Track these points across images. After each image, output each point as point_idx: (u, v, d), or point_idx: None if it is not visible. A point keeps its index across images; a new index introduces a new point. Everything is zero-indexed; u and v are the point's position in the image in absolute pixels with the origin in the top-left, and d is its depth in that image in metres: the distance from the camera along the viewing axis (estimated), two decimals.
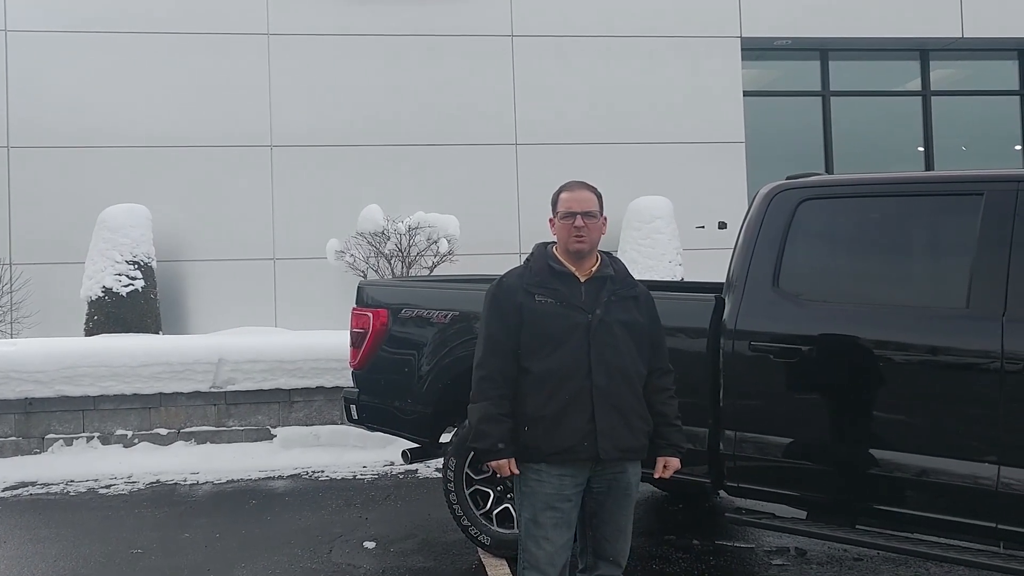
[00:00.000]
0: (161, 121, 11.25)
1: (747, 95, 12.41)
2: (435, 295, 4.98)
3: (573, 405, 2.95)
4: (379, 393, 5.01)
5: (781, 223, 3.94)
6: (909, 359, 3.58)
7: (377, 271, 10.34)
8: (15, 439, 7.01)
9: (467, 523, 4.52)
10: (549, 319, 3.01)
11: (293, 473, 6.64)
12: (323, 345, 7.37)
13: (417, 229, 10.28)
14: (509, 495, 4.39)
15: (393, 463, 6.69)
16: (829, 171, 12.62)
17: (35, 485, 6.42)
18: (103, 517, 5.58)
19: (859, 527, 3.72)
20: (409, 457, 4.91)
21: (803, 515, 3.92)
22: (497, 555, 4.47)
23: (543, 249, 3.19)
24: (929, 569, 4.31)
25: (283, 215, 11.45)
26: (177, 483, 6.43)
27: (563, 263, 3.11)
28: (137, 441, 7.10)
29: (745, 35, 12.39)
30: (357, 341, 5.04)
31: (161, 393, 7.16)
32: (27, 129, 11.11)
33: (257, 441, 7.23)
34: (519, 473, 3.04)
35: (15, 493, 6.25)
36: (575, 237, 3.07)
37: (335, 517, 5.47)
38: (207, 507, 5.81)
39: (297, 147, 11.51)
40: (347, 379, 5.52)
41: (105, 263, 9.94)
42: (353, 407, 5.12)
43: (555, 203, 3.17)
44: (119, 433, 7.11)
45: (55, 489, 6.32)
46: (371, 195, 10.86)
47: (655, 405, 3.13)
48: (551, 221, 3.18)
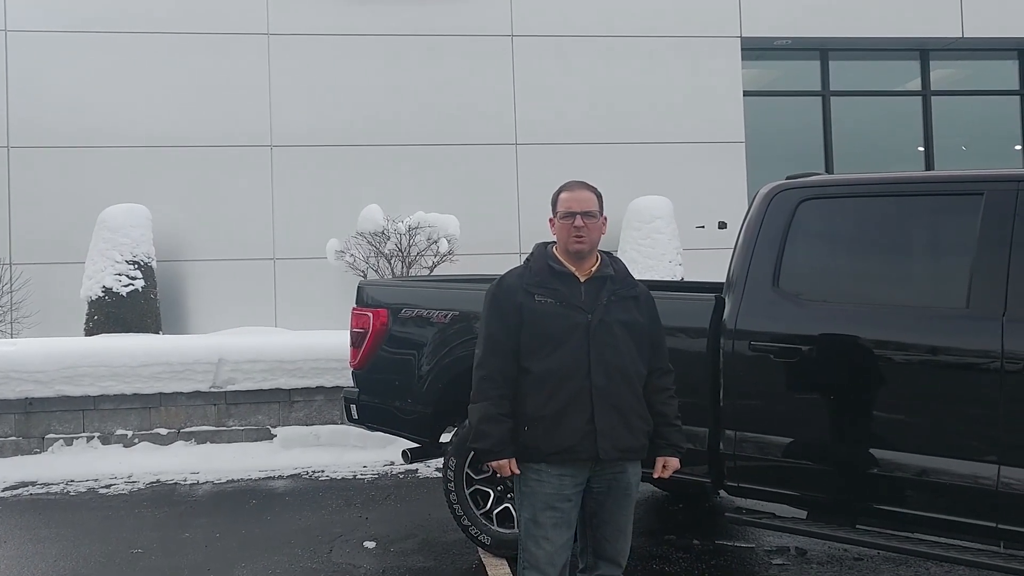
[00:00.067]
0: (161, 121, 11.25)
1: (747, 95, 12.41)
2: (435, 295, 4.98)
3: (573, 405, 2.95)
4: (379, 393, 5.01)
5: (781, 223, 3.94)
6: (909, 359, 3.58)
7: (377, 271, 10.34)
8: (15, 439, 7.01)
9: (467, 523, 4.52)
10: (549, 319, 3.01)
11: (293, 473, 6.64)
12: (323, 345, 7.38)
13: (417, 229, 10.28)
14: (509, 495, 4.39)
15: (393, 463, 6.69)
16: (829, 171, 12.61)
17: (35, 485, 6.43)
18: (103, 517, 5.58)
19: (859, 527, 3.72)
20: (409, 457, 4.91)
21: (803, 515, 3.92)
22: (497, 555, 4.47)
23: (543, 249, 3.18)
24: (929, 569, 4.31)
25: (283, 215, 11.45)
26: (177, 483, 6.43)
27: (563, 263, 3.11)
28: (137, 441, 7.11)
29: (745, 35, 12.39)
30: (357, 341, 5.05)
31: (161, 393, 7.16)
32: (27, 129, 11.11)
33: (257, 441, 7.23)
34: (519, 473, 3.04)
35: (15, 493, 6.25)
36: (574, 237, 3.07)
37: (335, 517, 5.47)
38: (207, 507, 5.81)
39: (297, 147, 11.51)
40: (347, 379, 5.52)
41: (105, 263, 9.94)
42: (353, 407, 5.12)
43: (555, 203, 3.16)
44: (119, 433, 7.12)
45: (55, 489, 6.32)
46: (371, 195, 10.86)
47: (655, 405, 3.13)
48: (551, 221, 3.18)
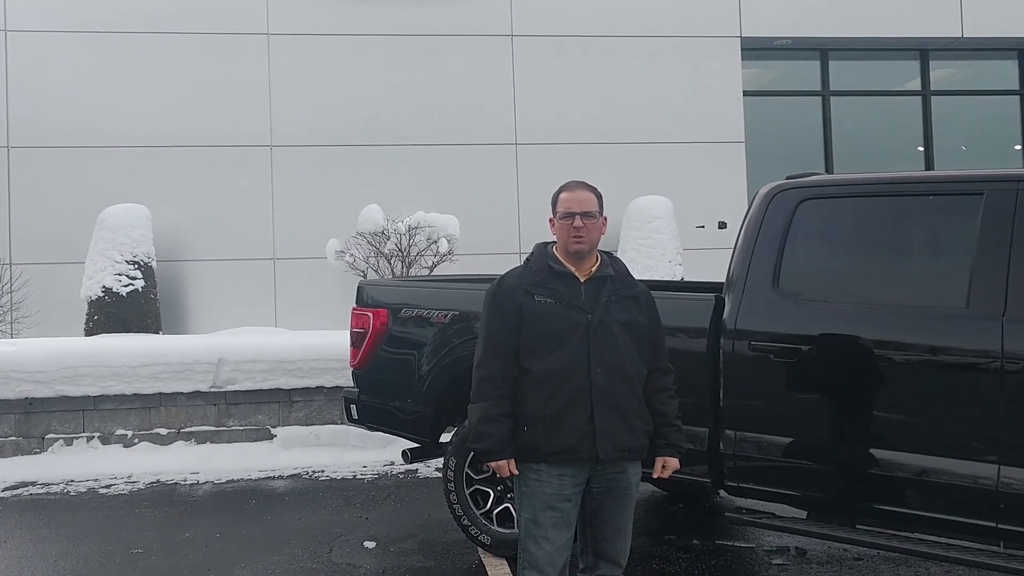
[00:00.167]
0: (161, 121, 11.25)
1: (747, 95, 12.41)
2: (435, 295, 4.98)
3: (573, 405, 2.95)
4: (379, 393, 5.01)
5: (781, 223, 3.94)
6: (909, 359, 3.58)
7: (377, 271, 10.34)
8: (15, 439, 7.01)
9: (467, 523, 4.52)
10: (549, 319, 3.01)
11: (293, 473, 6.64)
12: (323, 345, 7.38)
13: (417, 229, 10.28)
14: (509, 495, 4.39)
15: (393, 463, 6.69)
16: (829, 171, 12.61)
17: (35, 485, 6.43)
18: (103, 517, 5.58)
19: (859, 527, 3.72)
20: (409, 457, 4.91)
21: (803, 515, 3.92)
22: (497, 555, 4.48)
23: (543, 249, 3.18)
24: (929, 569, 4.31)
25: (283, 215, 11.45)
26: (177, 483, 6.43)
27: (563, 263, 3.11)
28: (137, 441, 7.11)
29: (745, 35, 12.39)
30: (357, 341, 5.04)
31: (161, 393, 7.16)
32: (27, 129, 11.11)
33: (257, 441, 7.23)
34: (518, 474, 3.04)
35: (15, 493, 6.25)
36: (574, 238, 3.07)
37: (335, 517, 5.47)
38: (207, 507, 5.81)
39: (297, 147, 11.51)
40: (347, 379, 5.52)
41: (105, 263, 9.94)
42: (353, 407, 5.12)
43: (555, 203, 3.16)
44: (119, 433, 7.12)
45: (55, 489, 6.32)
46: (371, 195, 10.86)
47: (655, 405, 3.13)
48: (551, 221, 3.18)
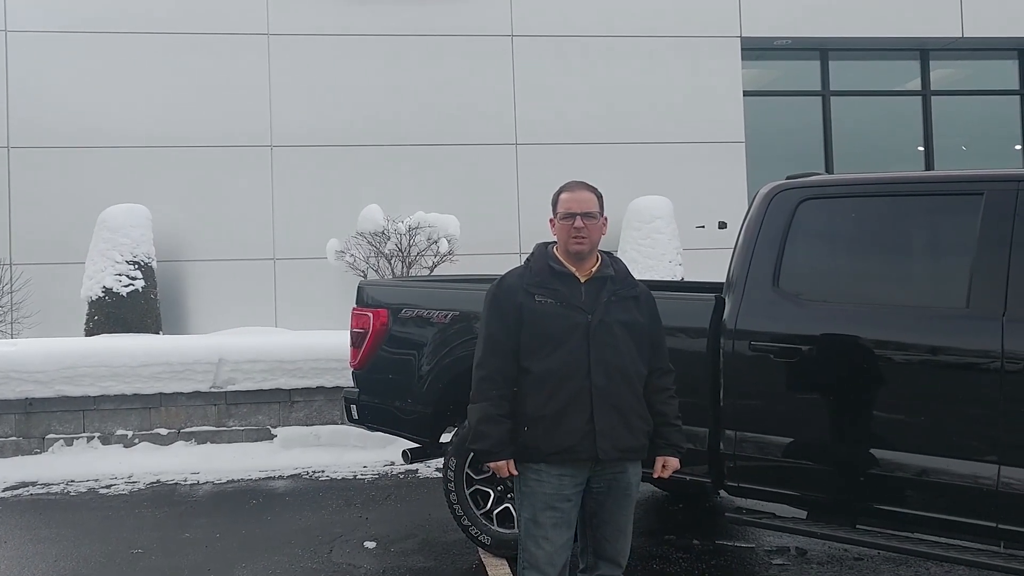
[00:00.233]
0: (161, 121, 11.25)
1: (747, 95, 12.41)
2: (435, 295, 4.98)
3: (573, 405, 2.95)
4: (379, 393, 5.01)
5: (781, 223, 3.94)
6: (909, 359, 3.58)
7: (377, 271, 10.34)
8: (15, 439, 7.01)
9: (467, 523, 4.52)
10: (549, 319, 3.01)
11: (293, 473, 6.64)
12: (323, 345, 7.37)
13: (417, 229, 10.28)
14: (509, 495, 4.39)
15: (393, 463, 6.69)
16: (829, 171, 12.61)
17: (35, 485, 6.43)
18: (103, 517, 5.58)
19: (859, 527, 3.72)
20: (409, 457, 4.91)
21: (803, 515, 3.92)
22: (497, 555, 4.48)
23: (543, 249, 3.18)
24: (929, 569, 4.31)
25: (283, 215, 11.45)
26: (177, 483, 6.43)
27: (563, 263, 3.11)
28: (137, 441, 7.11)
29: (745, 35, 12.39)
30: (357, 341, 5.05)
31: (161, 393, 7.16)
32: (27, 129, 11.11)
33: (257, 441, 7.23)
34: (518, 474, 3.04)
35: (15, 493, 6.26)
36: (575, 238, 3.07)
37: (335, 517, 5.47)
38: (207, 507, 5.81)
39: (297, 147, 11.51)
40: (347, 379, 5.52)
41: (105, 263, 9.94)
42: (353, 407, 5.12)
43: (555, 203, 3.16)
44: (119, 433, 7.12)
45: (55, 489, 6.32)
46: (371, 195, 10.86)
47: (655, 405, 3.13)
48: (551, 221, 3.18)
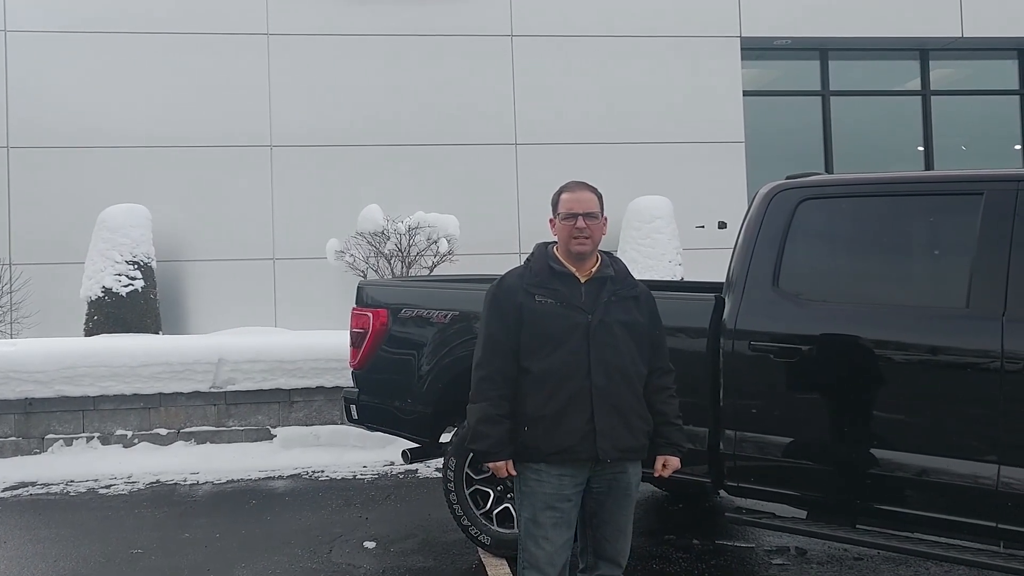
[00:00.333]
0: (161, 121, 11.25)
1: (747, 95, 12.42)
2: (435, 295, 4.98)
3: (573, 405, 2.95)
4: (379, 393, 5.01)
5: (781, 223, 3.94)
6: (909, 359, 3.58)
7: (377, 271, 10.34)
8: (15, 439, 7.01)
9: (467, 523, 4.52)
10: (549, 319, 3.01)
11: (293, 473, 6.64)
12: (323, 345, 7.37)
13: (417, 229, 10.28)
14: (509, 495, 4.39)
15: (393, 463, 6.69)
16: (829, 171, 12.61)
17: (35, 485, 6.43)
18: (103, 517, 5.58)
19: (859, 527, 3.72)
20: (409, 457, 4.91)
21: (803, 515, 3.92)
22: (497, 555, 4.47)
23: (543, 249, 3.18)
24: (929, 569, 4.31)
25: (283, 215, 11.45)
26: (177, 483, 6.43)
27: (563, 263, 3.11)
28: (137, 441, 7.10)
29: (745, 35, 12.39)
30: (357, 341, 5.04)
31: (161, 393, 7.16)
32: (27, 129, 11.11)
33: (257, 441, 7.23)
34: (516, 474, 3.04)
35: (15, 493, 6.25)
36: (577, 239, 3.07)
37: (335, 517, 5.47)
38: (207, 507, 5.81)
39: (297, 147, 11.51)
40: (347, 379, 5.52)
41: (105, 263, 9.94)
42: (353, 407, 5.12)
43: (556, 204, 3.16)
44: (119, 433, 7.11)
45: (55, 489, 6.32)
46: (371, 195, 10.86)
47: (655, 404, 3.12)
48: (551, 222, 3.18)
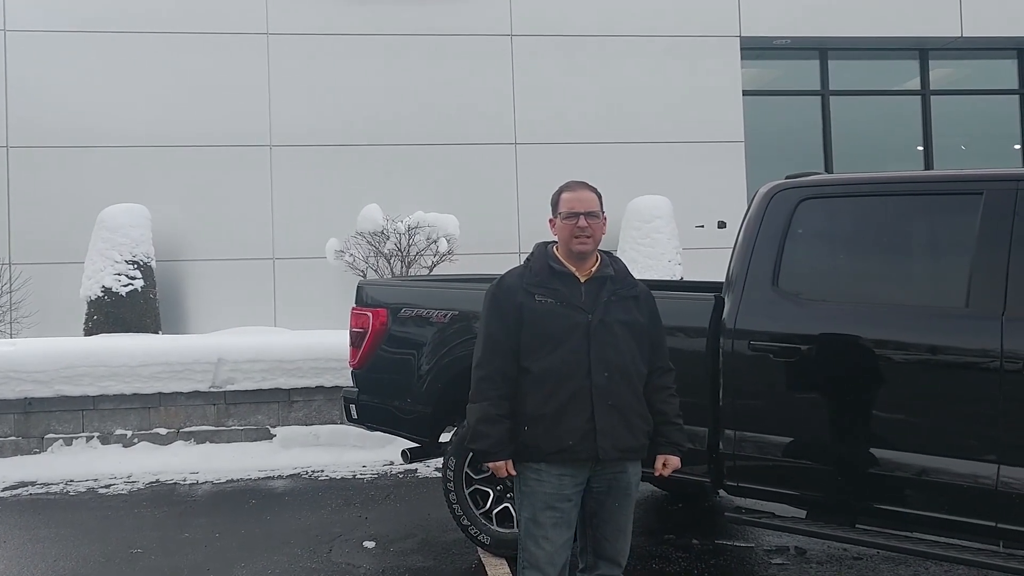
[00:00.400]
0: (161, 121, 11.25)
1: (747, 95, 12.42)
2: (435, 295, 4.98)
3: (573, 404, 2.95)
4: (379, 393, 5.01)
5: (780, 222, 3.94)
6: (909, 358, 3.58)
7: (377, 271, 10.34)
8: (15, 439, 7.01)
9: (467, 523, 4.52)
10: (549, 319, 3.01)
11: (293, 473, 6.64)
12: (323, 345, 7.37)
13: (416, 229, 10.28)
14: (509, 495, 4.39)
15: (393, 463, 6.69)
16: (829, 170, 12.61)
17: (35, 485, 6.43)
18: (103, 517, 5.58)
19: (859, 526, 3.72)
20: (409, 457, 4.91)
21: (803, 514, 3.92)
22: (497, 554, 4.47)
23: (543, 249, 3.18)
24: (929, 568, 4.31)
25: (282, 215, 11.45)
26: (177, 483, 6.43)
27: (563, 263, 3.10)
28: (137, 441, 7.10)
29: (745, 35, 12.39)
30: (356, 341, 5.04)
31: (161, 393, 7.16)
32: (27, 129, 11.11)
33: (257, 441, 7.23)
34: (516, 474, 3.04)
35: (15, 493, 6.25)
36: (578, 238, 3.07)
37: (335, 517, 5.47)
38: (207, 507, 5.81)
39: (296, 147, 11.51)
40: (347, 379, 5.52)
41: (104, 263, 9.94)
42: (353, 407, 5.12)
43: (556, 203, 3.16)
44: (119, 433, 7.11)
45: (55, 489, 6.32)
46: (370, 195, 10.86)
47: (655, 403, 3.12)
48: (551, 221, 3.17)
